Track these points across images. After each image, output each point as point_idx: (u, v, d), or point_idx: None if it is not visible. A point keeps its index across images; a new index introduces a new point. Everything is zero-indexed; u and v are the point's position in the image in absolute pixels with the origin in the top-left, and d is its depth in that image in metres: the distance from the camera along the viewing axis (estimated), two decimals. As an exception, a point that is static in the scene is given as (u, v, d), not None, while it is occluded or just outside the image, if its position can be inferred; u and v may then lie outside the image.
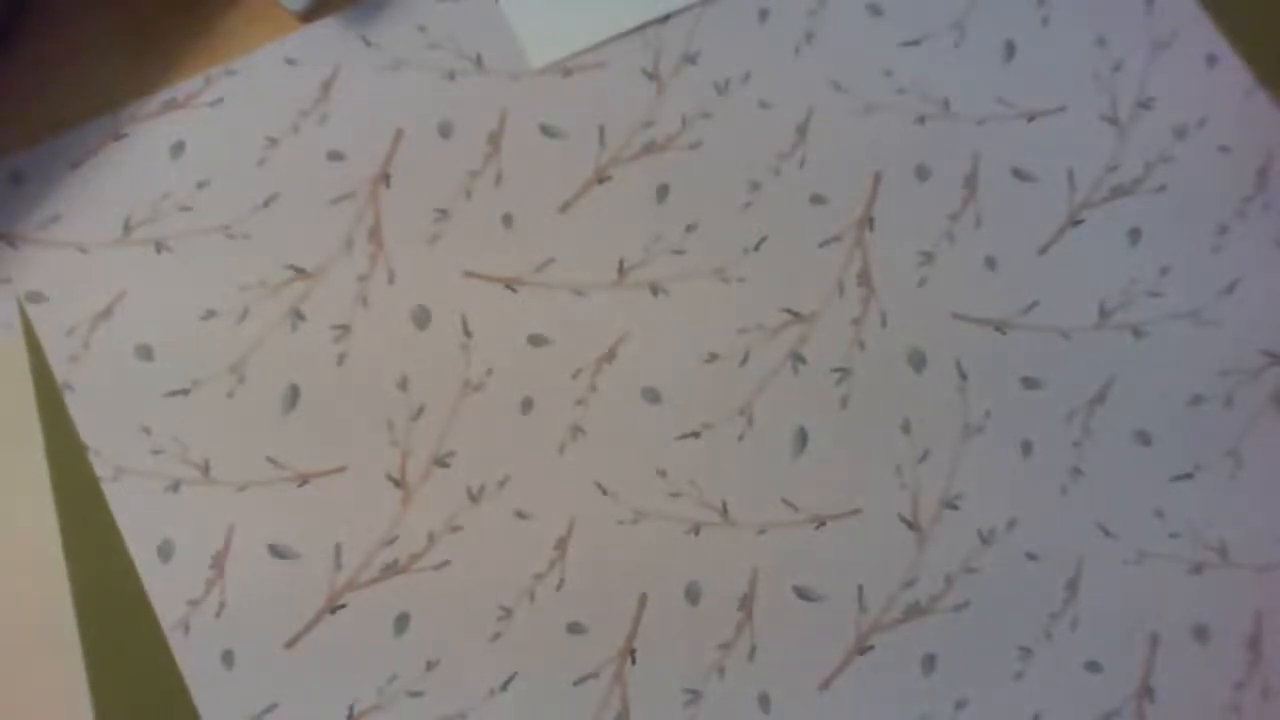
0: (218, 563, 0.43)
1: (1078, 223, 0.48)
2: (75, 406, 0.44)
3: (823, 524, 0.44)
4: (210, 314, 0.46)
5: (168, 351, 0.45)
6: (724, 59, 0.50)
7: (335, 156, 0.47)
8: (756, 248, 0.47)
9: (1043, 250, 0.48)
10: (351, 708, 0.42)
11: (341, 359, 0.45)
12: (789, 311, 0.47)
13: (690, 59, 0.50)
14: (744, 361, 0.46)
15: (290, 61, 0.48)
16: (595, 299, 0.47)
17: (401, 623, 0.42)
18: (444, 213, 0.47)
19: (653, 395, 0.46)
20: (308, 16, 0.49)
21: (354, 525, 0.44)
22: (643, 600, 0.43)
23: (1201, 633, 0.44)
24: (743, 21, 0.50)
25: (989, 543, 0.44)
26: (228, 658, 0.42)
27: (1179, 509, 0.45)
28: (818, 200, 0.48)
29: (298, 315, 0.46)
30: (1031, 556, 0.44)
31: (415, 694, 0.42)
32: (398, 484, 0.44)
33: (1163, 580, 0.44)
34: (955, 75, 0.50)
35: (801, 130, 0.49)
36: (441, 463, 0.44)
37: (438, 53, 0.49)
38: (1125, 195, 0.49)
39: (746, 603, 0.43)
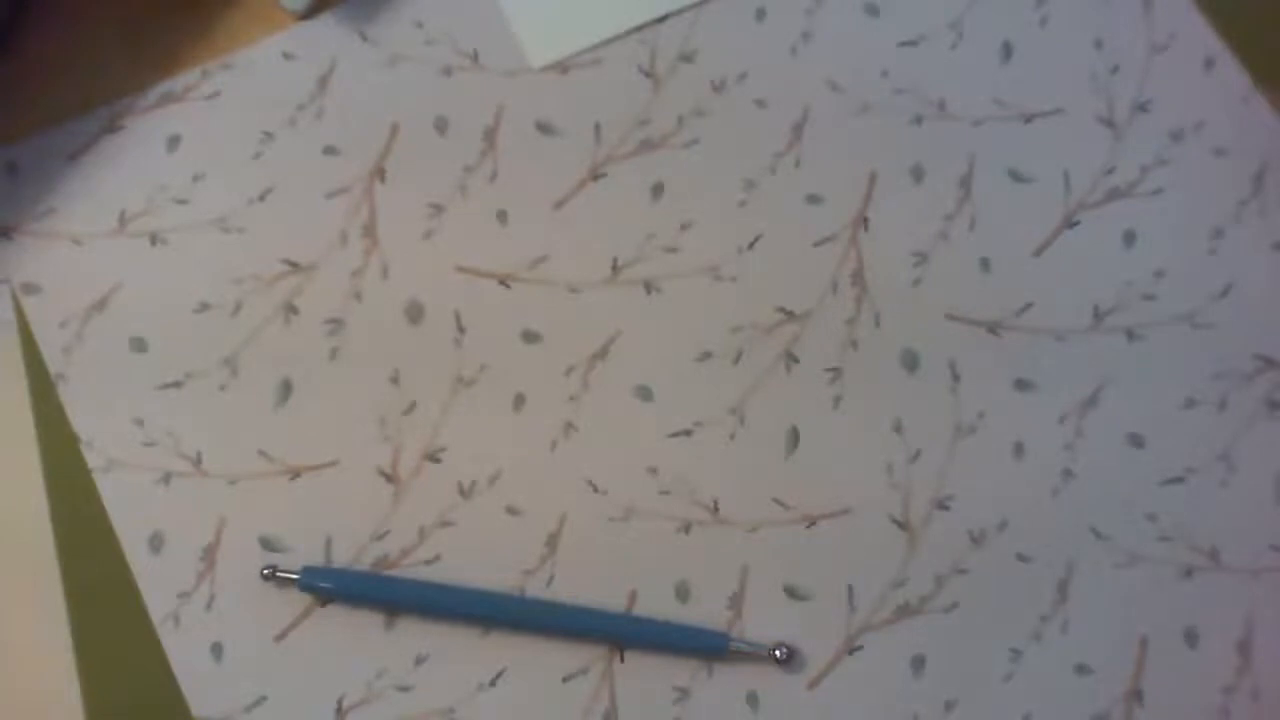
0: (208, 555, 0.43)
1: (1073, 225, 0.48)
2: (68, 398, 0.44)
3: (813, 523, 0.44)
4: (204, 307, 0.46)
5: (161, 344, 0.45)
6: (721, 58, 0.50)
7: (331, 151, 0.48)
8: (751, 246, 0.47)
9: (1038, 252, 0.48)
10: (340, 701, 0.42)
11: (334, 353, 0.45)
12: (782, 310, 0.47)
13: (687, 57, 0.50)
14: (737, 360, 0.46)
15: (287, 56, 0.49)
16: (588, 296, 0.47)
17: (391, 616, 0.42)
18: (438, 208, 0.47)
19: (645, 393, 0.46)
20: (307, 17, 0.49)
21: (345, 519, 0.44)
22: (632, 597, 0.43)
23: (1192, 636, 0.43)
24: (740, 20, 0.50)
25: (980, 544, 0.44)
26: (217, 650, 0.42)
27: (1171, 512, 0.45)
28: (813, 200, 0.48)
29: (291, 309, 0.46)
30: (1022, 558, 0.44)
31: (404, 688, 0.42)
32: (389, 478, 0.44)
33: (1154, 583, 0.44)
34: (952, 76, 0.50)
35: (797, 129, 0.49)
36: (433, 458, 0.44)
37: (434, 49, 0.49)
38: (1121, 198, 0.49)
39: (736, 601, 0.43)
